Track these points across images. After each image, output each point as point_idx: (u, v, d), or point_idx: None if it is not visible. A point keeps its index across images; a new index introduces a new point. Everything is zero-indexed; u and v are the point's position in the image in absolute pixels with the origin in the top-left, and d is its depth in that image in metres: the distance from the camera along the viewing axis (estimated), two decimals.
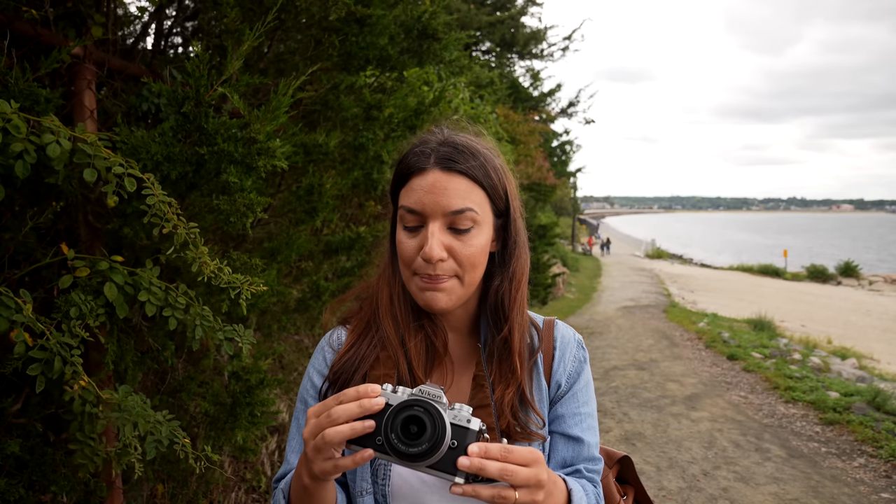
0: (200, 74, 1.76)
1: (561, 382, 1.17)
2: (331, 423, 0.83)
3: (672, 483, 4.75)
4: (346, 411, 0.82)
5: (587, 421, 1.17)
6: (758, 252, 54.67)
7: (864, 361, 10.19)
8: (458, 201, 1.03)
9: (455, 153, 1.06)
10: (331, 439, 0.82)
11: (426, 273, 1.04)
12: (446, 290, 1.05)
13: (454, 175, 1.04)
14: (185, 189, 1.97)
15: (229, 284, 1.74)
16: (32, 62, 1.75)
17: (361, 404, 0.82)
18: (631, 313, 14.01)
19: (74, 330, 1.57)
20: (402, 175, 1.09)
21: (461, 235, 1.04)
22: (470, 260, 1.05)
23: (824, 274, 31.14)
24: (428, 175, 1.05)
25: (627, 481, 1.41)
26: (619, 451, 1.41)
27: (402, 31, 3.02)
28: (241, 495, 3.38)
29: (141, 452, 1.73)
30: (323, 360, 1.17)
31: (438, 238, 1.03)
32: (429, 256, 1.01)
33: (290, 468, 1.14)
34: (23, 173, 1.38)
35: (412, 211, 1.05)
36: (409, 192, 1.06)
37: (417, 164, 1.06)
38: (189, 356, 2.77)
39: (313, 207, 2.77)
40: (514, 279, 1.12)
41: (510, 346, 1.10)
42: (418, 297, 1.07)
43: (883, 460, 5.19)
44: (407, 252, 1.06)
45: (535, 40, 19.02)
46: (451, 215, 1.03)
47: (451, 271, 1.04)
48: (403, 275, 1.10)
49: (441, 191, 1.03)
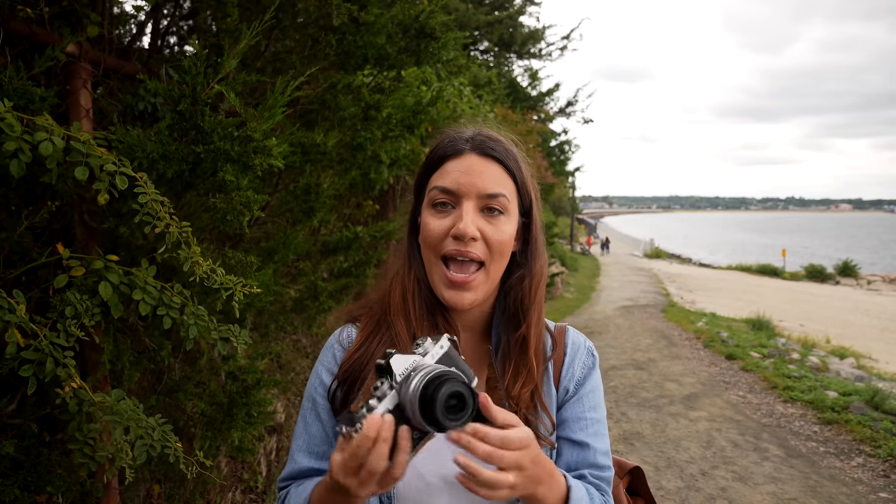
0: (197, 72, 1.75)
1: (569, 388, 1.16)
2: (373, 474, 0.81)
3: (670, 483, 4.75)
4: (381, 455, 0.79)
5: (594, 426, 1.15)
6: (756, 252, 54.75)
7: (863, 361, 10.20)
8: (494, 185, 1.05)
9: (491, 142, 1.08)
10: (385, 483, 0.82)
11: (455, 251, 1.03)
12: (472, 287, 1.04)
13: (490, 161, 1.07)
14: (182, 188, 1.96)
15: (221, 286, 1.73)
16: (27, 61, 1.74)
17: (386, 438, 0.79)
18: (629, 313, 14.01)
19: (70, 329, 1.56)
20: (435, 160, 1.10)
21: (493, 219, 1.05)
22: (499, 246, 1.05)
23: (823, 273, 31.17)
24: (465, 158, 1.06)
25: (639, 493, 1.38)
26: (630, 461, 1.38)
27: (400, 30, 3.01)
28: (237, 495, 3.37)
29: (132, 457, 1.72)
30: (333, 358, 1.15)
31: (473, 216, 1.03)
32: (463, 232, 1.01)
33: (297, 467, 1.12)
34: (17, 172, 1.37)
35: (446, 190, 1.05)
36: (443, 173, 1.07)
37: (454, 147, 1.08)
38: (186, 356, 2.76)
39: (310, 207, 2.77)
40: (535, 278, 1.13)
41: (527, 343, 1.10)
42: (442, 294, 1.06)
43: (881, 460, 5.19)
44: (435, 232, 1.05)
45: (534, 40, 19.03)
46: (486, 198, 1.04)
47: (480, 254, 1.04)
48: (428, 261, 1.08)
49: (478, 173, 1.05)
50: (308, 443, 1.13)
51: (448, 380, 0.80)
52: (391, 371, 0.82)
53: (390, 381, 0.83)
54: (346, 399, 1.09)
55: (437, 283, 1.07)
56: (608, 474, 1.14)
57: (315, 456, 1.12)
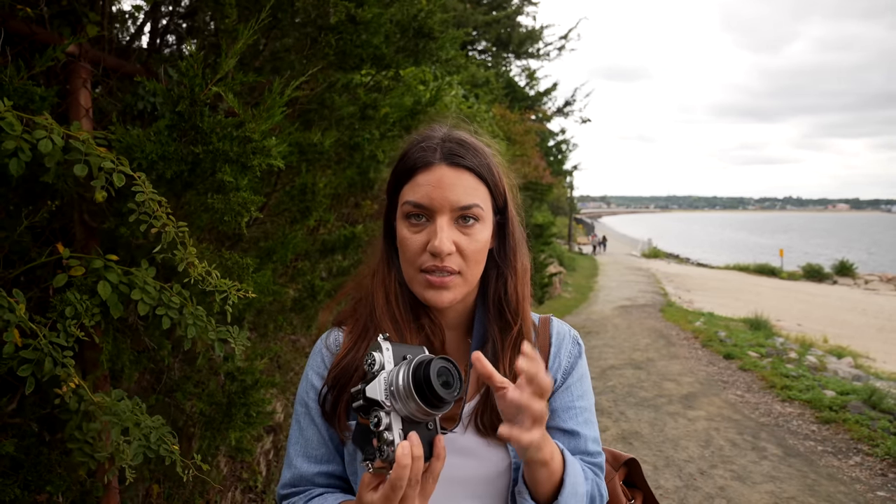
0: (195, 73, 1.75)
1: (556, 377, 1.17)
2: (414, 498, 0.84)
3: (669, 482, 4.76)
4: (418, 474, 0.83)
5: (583, 415, 1.16)
6: (754, 251, 54.80)
7: (860, 360, 10.22)
8: (466, 197, 1.04)
9: (461, 149, 1.07)
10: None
11: (433, 266, 1.04)
12: (451, 287, 1.05)
13: (462, 171, 1.06)
14: (181, 188, 1.96)
15: (216, 288, 1.73)
16: (27, 60, 1.74)
17: (418, 456, 0.82)
18: (627, 313, 14.03)
19: (70, 329, 1.56)
20: (406, 171, 1.09)
21: (467, 230, 1.05)
22: (475, 256, 1.06)
23: (820, 273, 31.24)
24: (435, 170, 1.05)
25: (635, 485, 1.39)
26: (625, 453, 1.39)
27: (398, 29, 3.01)
28: (237, 495, 3.37)
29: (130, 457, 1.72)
30: (322, 362, 1.16)
31: (447, 232, 1.03)
32: (439, 250, 1.02)
33: (298, 472, 1.13)
34: (17, 171, 1.37)
35: (419, 205, 1.05)
36: (414, 187, 1.06)
37: (423, 159, 1.07)
38: (185, 356, 2.76)
39: (307, 207, 2.77)
40: (520, 276, 1.14)
41: (522, 340, 1.11)
42: (422, 294, 1.07)
43: (879, 458, 5.20)
44: (413, 248, 1.05)
45: (531, 40, 19.04)
46: (459, 210, 1.04)
47: (456, 266, 1.04)
48: (407, 273, 1.09)
49: (449, 186, 1.04)
50: (305, 447, 1.14)
51: (429, 361, 0.83)
52: (375, 401, 0.84)
53: (380, 409, 0.84)
54: (337, 403, 1.10)
55: (416, 288, 1.08)
56: (599, 460, 1.17)
57: (314, 460, 1.13)
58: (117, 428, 1.67)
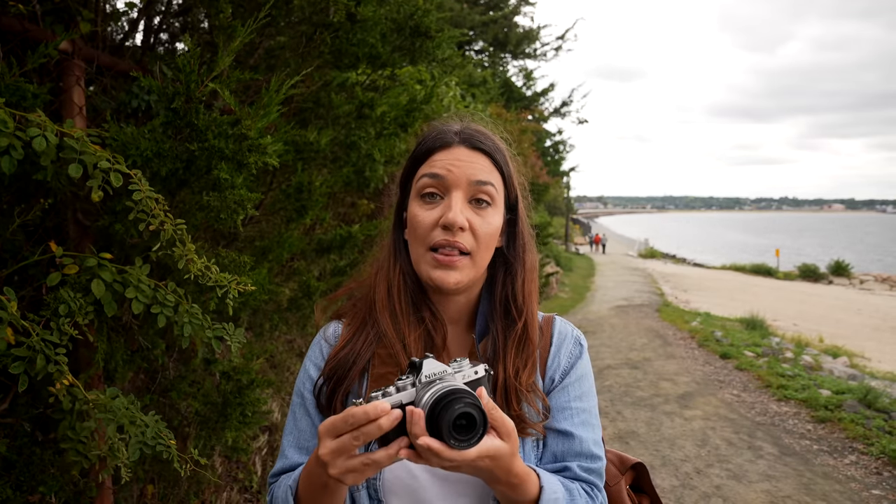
0: (191, 70, 1.74)
1: (555, 378, 1.15)
2: (347, 449, 0.82)
3: (665, 481, 4.76)
4: (368, 436, 0.80)
5: (580, 416, 1.13)
6: (750, 251, 54.94)
7: (856, 360, 10.25)
8: (483, 174, 1.06)
9: (479, 135, 1.09)
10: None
11: (444, 240, 1.03)
12: (459, 267, 1.04)
13: (479, 153, 1.07)
14: (176, 186, 1.95)
15: (216, 283, 1.72)
16: (20, 57, 1.73)
17: (381, 426, 0.79)
18: (624, 312, 14.04)
19: (63, 327, 1.55)
20: (423, 153, 1.10)
21: (481, 212, 1.05)
22: (486, 238, 1.06)
23: (816, 273, 31.31)
24: (453, 150, 1.07)
25: (643, 489, 1.34)
26: (632, 457, 1.35)
27: (394, 28, 3.00)
28: (233, 495, 3.36)
29: (126, 455, 1.71)
30: (320, 353, 1.16)
31: (462, 206, 1.04)
32: (452, 221, 1.02)
33: (288, 462, 1.12)
34: (9, 169, 1.36)
35: (435, 176, 1.05)
36: (431, 163, 1.07)
37: (442, 139, 1.08)
38: (180, 355, 2.75)
39: (303, 206, 2.75)
40: (528, 273, 1.14)
41: (527, 337, 1.11)
42: (429, 274, 1.06)
43: (874, 457, 5.21)
44: (425, 223, 1.05)
45: (528, 40, 19.06)
46: (475, 185, 1.05)
47: (468, 245, 1.04)
48: (415, 254, 1.08)
49: (467, 162, 1.06)
50: (298, 438, 1.13)
51: (460, 399, 0.80)
52: (419, 370, 0.84)
53: (414, 379, 0.84)
54: (332, 396, 1.09)
55: (423, 268, 1.07)
56: (598, 465, 1.11)
57: (305, 451, 1.13)
58: (112, 425, 1.66)
